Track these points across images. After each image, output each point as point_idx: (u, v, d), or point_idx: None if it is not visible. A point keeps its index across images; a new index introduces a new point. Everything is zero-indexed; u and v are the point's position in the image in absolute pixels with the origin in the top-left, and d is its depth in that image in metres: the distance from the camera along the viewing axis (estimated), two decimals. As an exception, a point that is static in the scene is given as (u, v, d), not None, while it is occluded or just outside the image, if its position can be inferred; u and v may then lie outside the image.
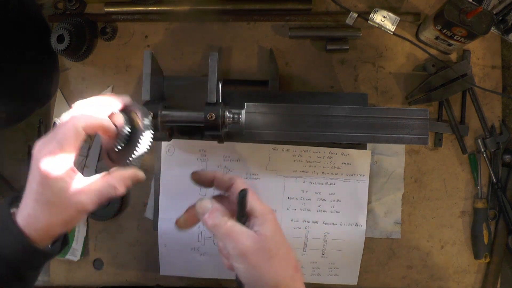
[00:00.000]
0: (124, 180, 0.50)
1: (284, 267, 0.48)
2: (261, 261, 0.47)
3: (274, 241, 0.48)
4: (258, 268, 0.47)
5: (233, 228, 0.48)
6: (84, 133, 0.48)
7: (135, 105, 0.54)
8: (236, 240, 0.47)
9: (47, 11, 0.81)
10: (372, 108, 0.69)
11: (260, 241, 0.47)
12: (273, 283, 0.47)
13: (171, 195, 0.79)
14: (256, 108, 0.64)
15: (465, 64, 0.78)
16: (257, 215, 0.50)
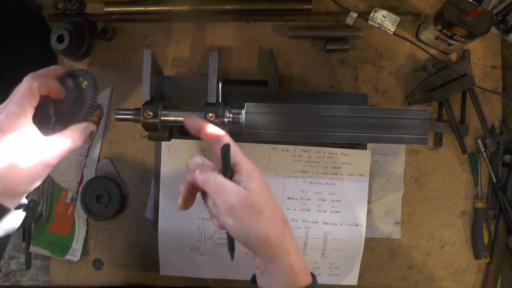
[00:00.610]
0: (79, 131, 0.57)
1: (272, 220, 0.49)
2: (249, 215, 0.47)
3: (261, 196, 0.49)
4: (247, 221, 0.47)
5: (222, 183, 0.49)
6: (38, 92, 0.53)
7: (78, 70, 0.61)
8: (225, 194, 0.48)
9: (47, 11, 0.81)
10: (372, 108, 0.69)
11: (247, 195, 0.48)
12: (263, 236, 0.48)
13: (171, 195, 0.79)
14: (256, 108, 0.64)
15: (465, 64, 0.78)
16: (242, 172, 0.50)
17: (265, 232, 0.48)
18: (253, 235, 0.48)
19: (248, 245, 0.49)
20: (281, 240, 0.49)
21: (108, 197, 0.79)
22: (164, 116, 0.62)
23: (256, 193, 0.49)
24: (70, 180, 0.81)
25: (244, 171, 0.50)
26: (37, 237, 0.81)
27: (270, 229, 0.48)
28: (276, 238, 0.49)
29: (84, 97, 0.58)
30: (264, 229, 0.48)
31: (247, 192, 0.48)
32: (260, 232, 0.48)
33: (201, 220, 0.79)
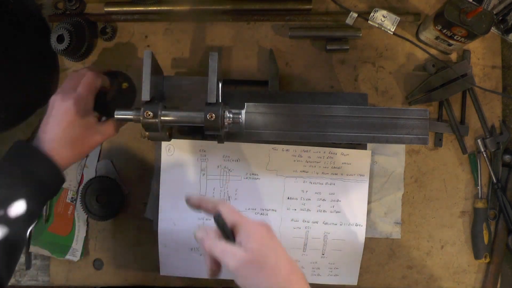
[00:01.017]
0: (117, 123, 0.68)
1: (275, 274, 0.51)
2: (251, 273, 0.50)
3: (260, 254, 0.51)
4: (251, 279, 0.50)
5: (225, 248, 0.52)
6: (97, 83, 0.66)
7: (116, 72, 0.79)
8: (228, 258, 0.51)
9: (47, 11, 0.81)
10: (372, 108, 0.69)
11: (246, 256, 0.51)
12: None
13: (171, 195, 0.79)
14: (256, 108, 0.64)
15: (465, 64, 0.78)
16: (241, 232, 0.53)
17: (268, 287, 0.50)
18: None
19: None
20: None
21: (108, 197, 0.79)
22: (164, 116, 0.62)
23: (255, 252, 0.51)
24: (70, 180, 0.81)
25: (243, 231, 0.53)
26: (37, 237, 0.81)
27: (273, 283, 0.50)
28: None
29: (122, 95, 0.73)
30: (267, 284, 0.50)
31: (246, 253, 0.51)
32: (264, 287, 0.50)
33: (201, 220, 0.79)
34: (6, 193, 0.56)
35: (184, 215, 0.79)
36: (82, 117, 0.62)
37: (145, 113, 0.61)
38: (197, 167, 0.79)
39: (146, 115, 0.61)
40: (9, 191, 0.56)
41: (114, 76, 0.77)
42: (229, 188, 0.79)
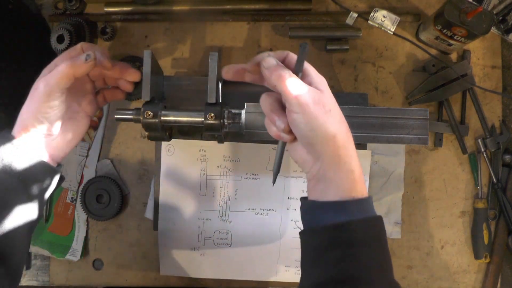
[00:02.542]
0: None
1: (340, 122, 0.51)
2: (320, 112, 0.48)
3: (331, 98, 0.51)
4: (318, 118, 0.48)
5: (296, 79, 0.50)
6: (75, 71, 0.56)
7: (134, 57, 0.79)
8: (299, 89, 0.49)
9: (47, 11, 0.81)
10: (372, 108, 0.69)
11: (320, 94, 0.50)
12: (331, 133, 0.49)
13: (171, 195, 0.79)
14: (256, 108, 0.64)
15: (465, 64, 0.78)
16: (313, 76, 0.52)
17: (333, 130, 0.49)
18: (322, 132, 0.48)
19: (313, 144, 0.50)
20: (347, 143, 0.50)
21: (108, 197, 0.79)
22: (164, 116, 0.62)
23: (327, 94, 0.51)
24: (70, 180, 0.81)
25: (315, 75, 0.53)
26: (37, 237, 0.81)
27: (338, 129, 0.49)
28: (343, 140, 0.49)
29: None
30: (333, 127, 0.49)
31: (320, 91, 0.50)
32: (329, 129, 0.48)
33: (201, 220, 0.79)
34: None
35: (184, 215, 0.79)
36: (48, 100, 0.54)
37: (145, 113, 0.61)
38: (197, 167, 0.79)
39: (146, 115, 0.61)
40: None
41: (132, 61, 0.78)
42: (229, 188, 0.79)
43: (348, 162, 0.49)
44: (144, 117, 0.61)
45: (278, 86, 0.50)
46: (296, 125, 0.50)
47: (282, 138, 0.53)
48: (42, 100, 0.53)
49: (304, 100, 0.48)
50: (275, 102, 0.52)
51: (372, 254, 0.48)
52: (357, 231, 0.48)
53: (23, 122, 0.55)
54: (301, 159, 0.52)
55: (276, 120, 0.51)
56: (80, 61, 0.54)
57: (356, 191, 0.49)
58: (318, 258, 0.49)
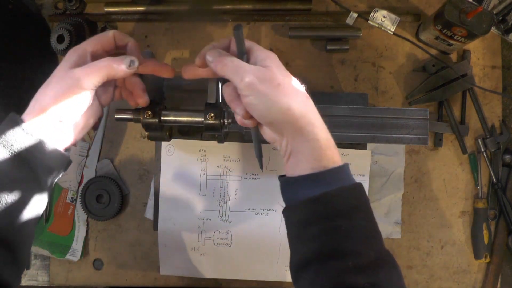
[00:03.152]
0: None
1: (293, 93, 0.49)
2: (269, 89, 0.48)
3: (279, 72, 0.50)
4: (268, 95, 0.48)
5: (239, 63, 0.50)
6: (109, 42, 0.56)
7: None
8: (243, 72, 0.49)
9: (47, 11, 0.81)
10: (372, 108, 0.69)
11: (265, 71, 0.49)
12: (285, 106, 0.48)
13: (171, 195, 0.79)
14: (256, 108, 0.64)
15: (465, 64, 0.78)
16: (257, 53, 0.51)
17: (286, 103, 0.48)
18: (276, 108, 0.48)
19: (272, 122, 0.50)
20: (305, 112, 0.49)
21: (108, 197, 0.79)
22: (164, 116, 0.62)
23: (273, 69, 0.49)
24: (70, 180, 0.81)
25: (260, 52, 0.52)
26: (37, 237, 0.81)
27: (291, 100, 0.48)
28: (299, 109, 0.49)
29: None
30: (285, 100, 0.48)
31: (265, 68, 0.49)
32: (282, 103, 0.48)
33: (201, 220, 0.79)
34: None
35: (184, 215, 0.79)
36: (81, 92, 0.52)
37: (145, 113, 0.61)
38: (197, 167, 0.79)
39: (146, 115, 0.61)
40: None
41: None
42: (229, 188, 0.79)
43: (311, 130, 0.49)
44: (144, 117, 0.61)
45: (225, 75, 0.50)
46: (251, 108, 0.50)
47: (245, 124, 0.53)
48: (74, 91, 0.51)
49: (249, 81, 0.48)
50: (233, 91, 0.52)
51: (354, 225, 0.46)
52: (333, 202, 0.47)
53: (41, 105, 0.52)
54: (271, 139, 0.53)
55: (236, 108, 0.52)
56: (124, 66, 0.53)
57: (327, 159, 0.48)
58: (300, 235, 0.48)
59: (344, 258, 0.45)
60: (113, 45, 0.56)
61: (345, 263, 0.44)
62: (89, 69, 0.52)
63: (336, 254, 0.45)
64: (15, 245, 0.51)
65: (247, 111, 0.51)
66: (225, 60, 0.50)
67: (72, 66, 0.53)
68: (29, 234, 0.54)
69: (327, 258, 0.46)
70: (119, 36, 0.57)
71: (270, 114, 0.49)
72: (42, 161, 0.52)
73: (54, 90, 0.52)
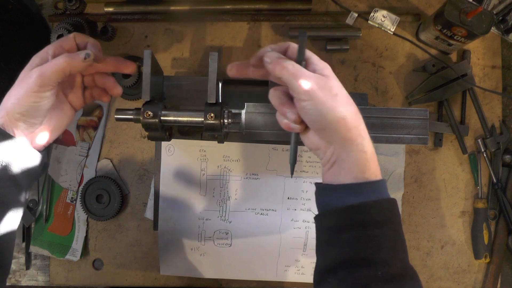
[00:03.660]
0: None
1: (348, 104, 0.51)
2: (327, 97, 0.49)
3: (336, 82, 0.51)
4: (326, 103, 0.49)
5: (300, 68, 0.51)
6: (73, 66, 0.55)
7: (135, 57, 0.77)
8: (304, 77, 0.49)
9: (47, 11, 0.81)
10: (372, 108, 0.69)
11: (325, 79, 0.50)
12: (340, 116, 0.49)
13: (171, 195, 0.79)
14: (256, 108, 0.64)
15: (465, 64, 0.78)
16: (316, 62, 0.52)
17: (342, 113, 0.49)
18: (331, 115, 0.49)
19: (324, 128, 0.50)
20: (357, 124, 0.50)
21: (108, 197, 0.79)
22: (164, 116, 0.62)
23: (332, 79, 0.51)
24: (70, 180, 0.81)
25: (318, 62, 0.53)
26: (37, 237, 0.81)
27: (347, 111, 0.50)
28: (352, 121, 0.50)
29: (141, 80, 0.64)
30: (342, 110, 0.49)
31: (324, 76, 0.50)
32: (338, 112, 0.49)
33: (201, 220, 0.79)
34: None
35: (184, 215, 0.79)
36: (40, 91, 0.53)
37: (145, 113, 0.61)
38: (197, 167, 0.79)
39: (146, 115, 0.61)
40: None
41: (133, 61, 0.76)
42: (229, 188, 0.79)
43: (360, 143, 0.50)
44: (144, 117, 0.61)
45: (283, 77, 0.51)
46: (306, 112, 0.50)
47: (293, 129, 0.53)
48: (33, 90, 0.53)
49: (310, 87, 0.49)
50: (283, 95, 0.53)
51: (386, 236, 0.47)
52: (371, 212, 0.48)
53: (7, 108, 0.54)
54: (315, 146, 0.53)
55: (287, 112, 0.52)
56: (79, 59, 0.54)
57: (370, 172, 0.50)
58: (332, 240, 0.49)
59: (374, 266, 0.46)
60: (74, 46, 0.57)
61: (375, 271, 0.45)
62: (46, 66, 0.53)
63: (366, 262, 0.46)
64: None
65: (299, 116, 0.52)
66: (286, 63, 0.51)
67: (33, 68, 0.54)
68: (9, 237, 0.55)
69: (358, 265, 0.47)
70: (79, 37, 0.58)
71: (324, 121, 0.50)
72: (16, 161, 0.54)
73: (16, 91, 0.54)
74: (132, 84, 0.76)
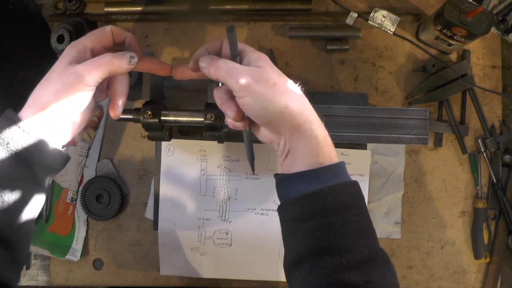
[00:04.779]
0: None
1: (289, 92, 0.50)
2: (265, 89, 0.48)
3: (273, 72, 0.50)
4: (265, 95, 0.48)
5: (233, 65, 0.50)
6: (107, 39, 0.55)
7: None
8: (238, 73, 0.49)
9: (47, 11, 0.81)
10: (372, 108, 0.69)
11: (260, 71, 0.49)
12: (282, 105, 0.48)
13: (171, 195, 0.79)
14: (256, 108, 0.64)
15: (465, 64, 0.78)
16: (250, 54, 0.52)
17: (284, 102, 0.48)
18: (273, 107, 0.48)
19: (270, 121, 0.50)
20: (302, 110, 0.49)
21: (108, 197, 0.79)
22: (164, 116, 0.62)
23: (268, 69, 0.50)
24: (70, 180, 0.81)
25: (252, 53, 0.52)
26: (37, 237, 0.81)
27: (288, 99, 0.49)
28: (296, 107, 0.49)
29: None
30: (282, 99, 0.48)
31: (259, 68, 0.49)
32: (279, 102, 0.48)
33: (201, 220, 0.79)
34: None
35: (184, 215, 0.79)
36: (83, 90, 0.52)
37: (145, 113, 0.61)
38: (197, 167, 0.79)
39: (146, 115, 0.61)
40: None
41: None
42: (229, 188, 0.79)
43: (308, 128, 0.49)
44: (144, 117, 0.61)
45: (219, 78, 0.50)
46: (247, 108, 0.50)
47: (236, 126, 0.53)
48: (76, 88, 0.51)
49: (245, 82, 0.48)
50: (224, 94, 0.53)
51: (348, 221, 0.46)
52: (328, 198, 0.47)
53: (41, 101, 0.51)
54: (268, 139, 0.53)
55: (227, 110, 0.52)
56: (124, 62, 0.53)
57: (323, 156, 0.49)
58: (294, 232, 0.48)
59: (337, 254, 0.45)
60: (111, 40, 0.56)
61: (339, 259, 0.44)
62: (92, 65, 0.51)
63: (329, 251, 0.45)
64: (14, 244, 0.51)
65: (238, 113, 0.51)
66: (218, 63, 0.50)
67: (71, 61, 0.52)
68: (27, 233, 0.54)
69: (321, 254, 0.45)
70: (116, 31, 0.56)
71: (267, 114, 0.49)
72: (39, 159, 0.51)
73: (55, 86, 0.51)
74: (132, 84, 0.76)
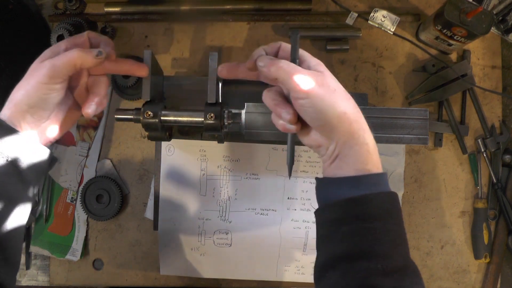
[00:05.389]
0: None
1: (347, 99, 0.50)
2: (326, 93, 0.49)
3: (332, 78, 0.51)
4: (325, 99, 0.49)
5: (295, 67, 0.50)
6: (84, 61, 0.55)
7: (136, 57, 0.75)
8: (300, 76, 0.49)
9: (47, 11, 0.81)
10: (372, 108, 0.69)
11: (322, 76, 0.50)
12: (341, 111, 0.49)
13: (171, 195, 0.79)
14: (256, 108, 0.64)
15: (465, 64, 0.78)
16: (310, 60, 0.53)
17: (343, 108, 0.49)
18: (332, 112, 0.49)
19: (325, 125, 0.50)
20: (358, 118, 0.50)
21: (108, 197, 0.79)
22: (164, 116, 0.62)
23: (327, 75, 0.51)
24: (70, 180, 0.81)
25: (311, 59, 0.53)
26: (37, 237, 0.81)
27: (347, 106, 0.49)
28: (353, 115, 0.50)
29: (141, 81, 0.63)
30: (342, 105, 0.49)
31: (321, 73, 0.50)
32: (339, 107, 0.49)
33: (201, 220, 0.79)
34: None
35: (184, 215, 0.79)
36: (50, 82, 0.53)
37: (145, 113, 0.61)
38: (197, 167, 0.79)
39: (146, 115, 0.61)
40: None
41: None
42: (229, 188, 0.79)
43: (361, 135, 0.50)
44: (144, 117, 0.61)
45: (279, 77, 0.50)
46: (305, 111, 0.50)
47: (289, 129, 0.53)
48: (43, 81, 0.52)
49: (308, 84, 0.48)
50: (277, 95, 0.53)
51: (387, 229, 0.47)
52: (371, 205, 0.47)
53: (15, 100, 0.53)
54: (316, 144, 0.53)
55: (282, 112, 0.52)
56: (91, 55, 0.54)
57: (371, 164, 0.49)
58: (332, 234, 0.49)
59: (374, 259, 0.45)
60: (87, 43, 0.57)
61: (375, 264, 0.45)
62: (58, 57, 0.53)
63: (366, 255, 0.46)
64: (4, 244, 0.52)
65: (295, 115, 0.51)
66: (280, 63, 0.50)
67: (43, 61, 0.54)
68: (17, 233, 0.54)
69: (358, 258, 0.46)
70: (92, 35, 0.58)
71: (325, 118, 0.49)
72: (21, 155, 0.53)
73: (25, 83, 0.53)
74: (132, 84, 0.76)
